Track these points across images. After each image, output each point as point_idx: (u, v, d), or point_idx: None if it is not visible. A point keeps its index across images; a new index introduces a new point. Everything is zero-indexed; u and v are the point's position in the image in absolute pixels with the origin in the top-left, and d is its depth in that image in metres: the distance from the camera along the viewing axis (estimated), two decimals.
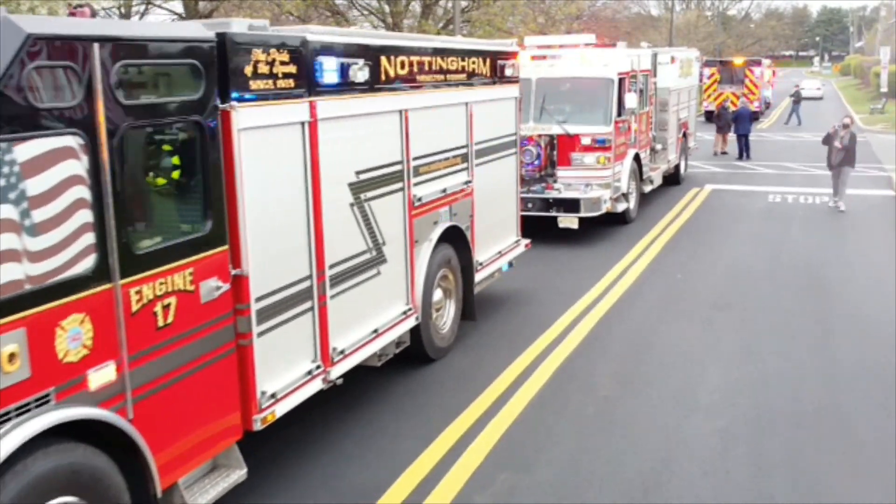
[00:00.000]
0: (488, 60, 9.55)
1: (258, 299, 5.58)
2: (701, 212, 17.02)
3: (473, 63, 9.15)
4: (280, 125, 5.82)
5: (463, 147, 8.95)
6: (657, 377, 8.04)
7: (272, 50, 5.66)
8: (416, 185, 7.85)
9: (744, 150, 26.01)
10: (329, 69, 6.30)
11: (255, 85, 5.50)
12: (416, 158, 7.83)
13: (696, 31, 64.33)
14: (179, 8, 23.18)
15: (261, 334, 5.61)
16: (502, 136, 10.15)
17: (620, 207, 14.99)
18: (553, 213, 14.10)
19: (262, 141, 5.61)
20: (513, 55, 10.33)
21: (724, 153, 26.48)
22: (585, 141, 14.28)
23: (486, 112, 9.51)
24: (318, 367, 6.31)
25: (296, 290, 6.03)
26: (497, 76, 9.85)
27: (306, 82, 6.09)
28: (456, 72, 8.70)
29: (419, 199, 7.90)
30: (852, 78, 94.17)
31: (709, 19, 73.18)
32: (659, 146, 18.27)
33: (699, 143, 25.88)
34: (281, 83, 5.76)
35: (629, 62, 15.31)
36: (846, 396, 7.53)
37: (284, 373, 5.95)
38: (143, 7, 27.55)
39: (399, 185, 7.55)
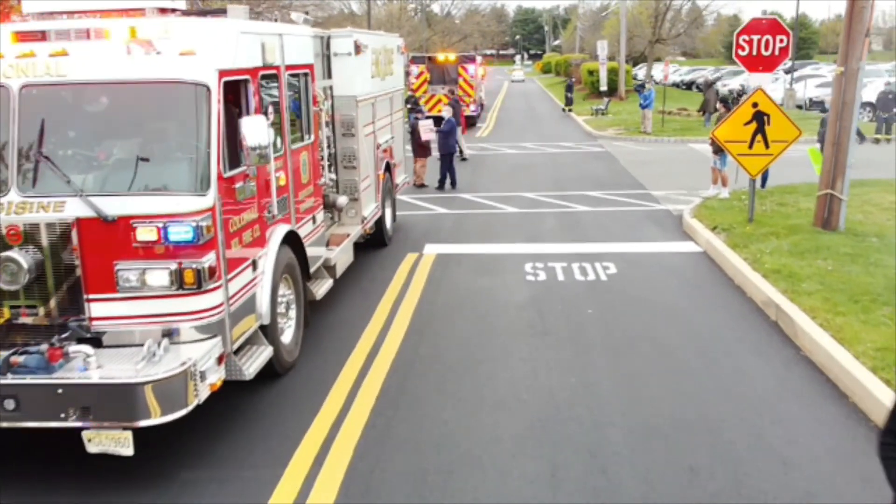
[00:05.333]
0: None
1: None
2: (420, 327, 9.34)
3: None
4: None
5: None
6: None
7: None
8: None
9: (447, 174, 19.01)
10: None
11: None
12: None
13: (399, 26, 58.21)
14: None
15: None
16: None
17: (254, 366, 6.82)
18: (66, 424, 5.62)
19: None
20: None
21: (421, 185, 19.18)
22: (146, 233, 5.94)
23: None
24: None
25: None
26: None
27: None
28: None
29: None
30: (554, 75, 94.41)
31: (412, 14, 67.65)
32: (343, 199, 10.38)
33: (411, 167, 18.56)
34: None
35: (255, 46, 7.17)
36: None
37: None
38: None
39: None
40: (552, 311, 9.55)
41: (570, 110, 40.73)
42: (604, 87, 40.70)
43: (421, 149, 19.13)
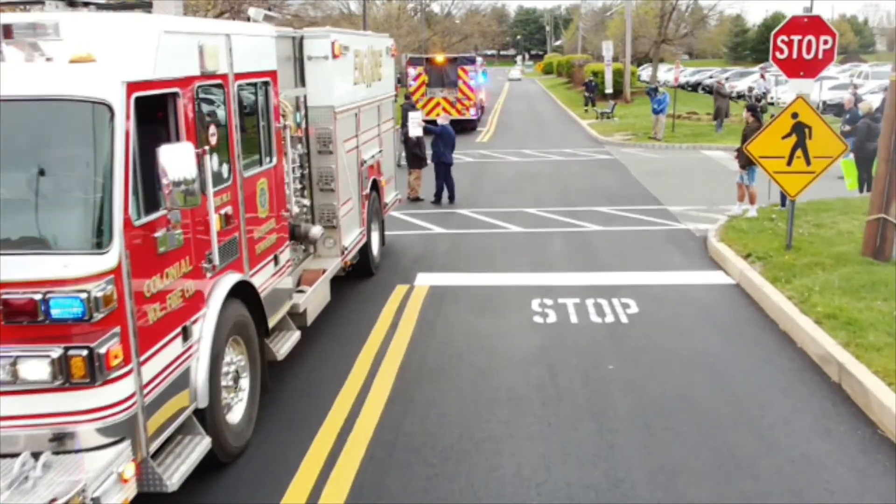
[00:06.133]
0: None
1: None
2: (406, 391, 7.77)
3: None
4: None
5: None
6: None
7: None
8: None
9: (443, 187, 17.37)
10: None
11: None
12: None
13: (398, 26, 56.62)
14: None
15: None
16: None
17: (182, 471, 5.19)
18: None
19: None
20: None
21: (416, 199, 17.55)
22: (18, 307, 4.33)
23: None
24: None
25: None
26: None
27: None
28: None
29: None
30: (556, 76, 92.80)
31: (411, 14, 66.00)
32: (317, 229, 8.76)
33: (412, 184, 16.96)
34: None
35: (187, 50, 5.55)
36: None
37: None
38: None
39: None
40: (566, 367, 7.93)
41: (588, 110, 39.37)
42: (609, 90, 39.05)
43: (416, 159, 17.53)
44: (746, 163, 13.54)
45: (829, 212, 14.06)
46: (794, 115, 10.89)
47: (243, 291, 6.39)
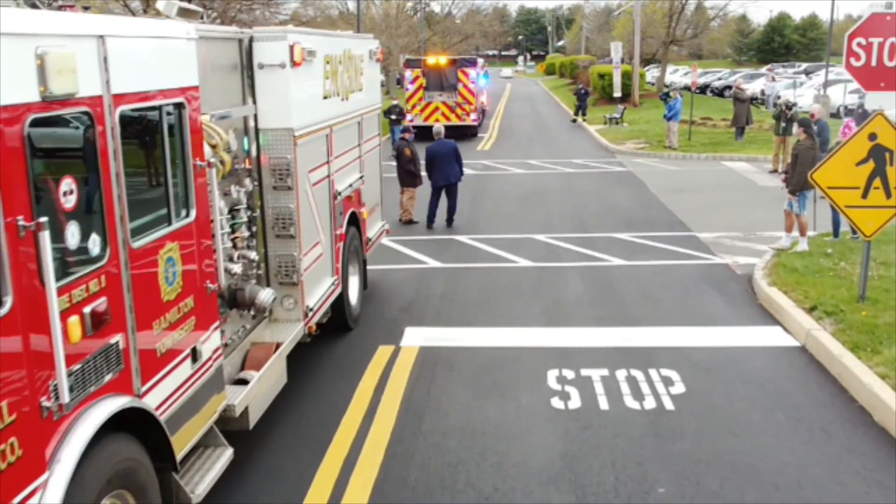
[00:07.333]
0: None
1: None
2: None
3: None
4: None
5: None
6: None
7: None
8: None
9: (449, 208, 15.26)
10: None
11: None
12: None
13: (396, 26, 54.50)
14: None
15: None
16: None
17: None
18: None
19: None
20: None
21: (409, 221, 15.46)
22: None
23: None
24: None
25: None
26: None
27: None
28: None
29: None
30: (558, 77, 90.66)
31: (410, 14, 63.82)
32: (267, 294, 6.61)
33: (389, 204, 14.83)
34: None
35: (8, 64, 3.42)
36: None
37: None
38: None
39: None
40: (600, 491, 5.80)
41: (584, 120, 36.44)
42: (618, 94, 36.84)
43: (409, 177, 15.42)
44: (798, 188, 11.45)
45: (892, 244, 11.91)
46: (872, 137, 8.78)
47: (134, 419, 4.27)
